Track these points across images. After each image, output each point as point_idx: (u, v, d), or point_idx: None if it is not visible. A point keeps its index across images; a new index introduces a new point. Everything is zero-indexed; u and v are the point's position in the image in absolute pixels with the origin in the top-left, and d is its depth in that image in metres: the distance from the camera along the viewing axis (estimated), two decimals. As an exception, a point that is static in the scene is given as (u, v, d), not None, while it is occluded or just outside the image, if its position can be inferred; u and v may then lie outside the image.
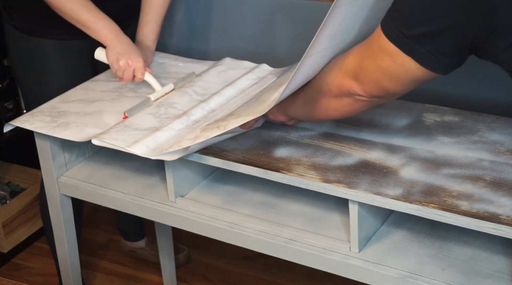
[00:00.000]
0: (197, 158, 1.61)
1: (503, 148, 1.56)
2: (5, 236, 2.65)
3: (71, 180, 1.84)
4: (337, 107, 1.48)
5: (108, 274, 2.59)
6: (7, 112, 2.71)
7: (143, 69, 1.86)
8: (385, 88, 1.37)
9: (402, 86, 1.36)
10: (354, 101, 1.43)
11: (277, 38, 2.31)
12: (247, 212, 1.64)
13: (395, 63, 1.30)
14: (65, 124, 1.78)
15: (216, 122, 1.64)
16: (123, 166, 1.83)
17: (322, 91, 1.48)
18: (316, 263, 1.54)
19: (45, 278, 2.58)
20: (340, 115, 1.51)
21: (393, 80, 1.34)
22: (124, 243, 2.65)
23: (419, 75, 1.31)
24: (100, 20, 1.90)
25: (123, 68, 1.87)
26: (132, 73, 1.87)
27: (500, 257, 1.46)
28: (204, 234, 1.67)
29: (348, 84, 1.41)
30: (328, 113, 1.52)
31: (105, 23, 1.90)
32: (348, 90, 1.41)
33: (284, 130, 1.68)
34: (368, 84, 1.38)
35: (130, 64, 1.86)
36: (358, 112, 1.49)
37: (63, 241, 1.93)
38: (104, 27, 1.90)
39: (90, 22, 1.89)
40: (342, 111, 1.49)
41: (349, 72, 1.40)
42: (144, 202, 1.73)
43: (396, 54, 1.29)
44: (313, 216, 1.60)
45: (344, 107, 1.47)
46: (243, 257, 2.58)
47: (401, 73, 1.32)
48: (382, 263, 1.48)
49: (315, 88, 1.50)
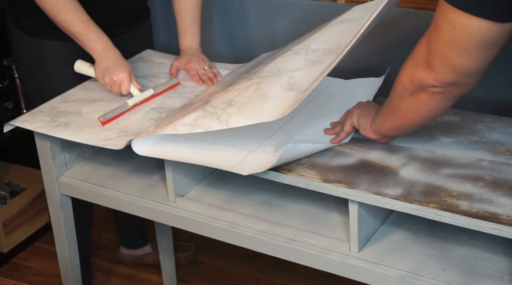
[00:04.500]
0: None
1: (503, 148, 1.56)
2: (5, 236, 2.65)
3: (71, 180, 1.84)
4: (416, 108, 1.43)
5: (108, 274, 2.59)
6: (7, 112, 2.71)
7: (127, 83, 1.86)
8: (455, 66, 1.31)
9: (470, 58, 1.29)
10: (430, 96, 1.38)
11: (277, 38, 2.31)
12: (247, 212, 1.64)
13: (455, 28, 1.26)
14: (65, 124, 1.78)
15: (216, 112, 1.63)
16: (123, 166, 1.83)
17: (399, 91, 1.44)
18: (316, 263, 1.54)
19: (45, 278, 2.58)
20: (422, 117, 1.45)
21: (459, 51, 1.29)
22: (127, 252, 2.61)
23: (479, 34, 1.25)
24: (89, 33, 1.89)
25: (109, 84, 1.87)
26: (118, 87, 1.87)
27: (500, 257, 1.46)
28: (204, 234, 1.67)
29: (419, 74, 1.36)
30: (410, 117, 1.47)
31: (94, 36, 1.89)
32: (420, 82, 1.36)
33: (284, 130, 1.68)
34: (438, 67, 1.32)
35: (114, 79, 1.86)
36: (438, 110, 1.42)
37: (63, 241, 1.93)
38: (92, 40, 1.89)
39: (79, 34, 1.89)
40: (422, 112, 1.43)
41: (419, 61, 1.36)
42: (144, 202, 1.73)
43: (452, 16, 1.25)
44: (313, 216, 1.60)
45: (423, 106, 1.41)
46: (243, 257, 2.58)
47: (462, 39, 1.27)
48: (382, 263, 1.48)
49: (394, 91, 1.46)
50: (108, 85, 1.87)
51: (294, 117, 1.72)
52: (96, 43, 1.89)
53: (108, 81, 1.87)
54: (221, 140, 1.64)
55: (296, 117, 1.72)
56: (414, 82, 1.38)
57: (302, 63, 1.69)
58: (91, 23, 1.90)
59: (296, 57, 1.71)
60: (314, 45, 1.73)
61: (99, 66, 1.88)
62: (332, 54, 1.66)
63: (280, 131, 1.67)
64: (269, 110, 1.58)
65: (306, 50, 1.72)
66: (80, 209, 2.15)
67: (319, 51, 1.70)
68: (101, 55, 1.88)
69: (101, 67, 1.87)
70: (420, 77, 1.36)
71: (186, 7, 2.02)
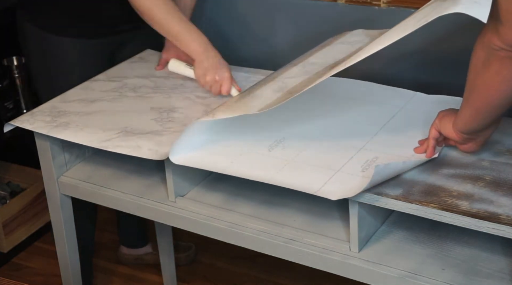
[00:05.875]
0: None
1: (503, 148, 1.56)
2: (5, 236, 2.65)
3: (71, 180, 1.84)
4: (490, 81, 1.35)
5: (108, 274, 2.59)
6: (7, 112, 2.71)
7: (229, 84, 1.84)
8: None
9: None
10: (500, 63, 1.31)
11: (277, 38, 2.31)
12: (247, 212, 1.64)
13: None
14: (65, 124, 1.78)
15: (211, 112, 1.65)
16: (123, 166, 1.83)
17: (472, 66, 1.38)
18: (316, 263, 1.54)
19: (45, 278, 2.58)
20: (498, 93, 1.36)
21: None
22: (128, 251, 2.61)
23: None
24: (189, 32, 1.89)
25: (210, 83, 1.85)
26: (219, 88, 1.85)
27: (500, 257, 1.46)
28: (204, 234, 1.67)
29: (488, 39, 1.32)
30: (486, 95, 1.38)
31: (195, 36, 1.89)
32: (489, 46, 1.31)
33: (284, 130, 1.68)
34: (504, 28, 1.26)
35: (217, 79, 1.84)
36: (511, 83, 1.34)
37: (63, 241, 1.93)
38: (193, 40, 1.88)
39: (180, 34, 1.88)
40: (496, 85, 1.35)
41: (488, 26, 1.32)
42: (144, 202, 1.73)
43: None
44: (313, 216, 1.60)
45: (495, 77, 1.34)
46: (243, 257, 2.58)
47: None
48: (382, 263, 1.48)
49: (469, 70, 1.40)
50: (208, 84, 1.86)
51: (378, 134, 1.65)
52: (197, 43, 1.88)
53: (210, 80, 1.85)
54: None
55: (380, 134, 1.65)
56: (483, 48, 1.34)
57: (297, 73, 1.72)
58: (190, 23, 1.91)
59: (293, 68, 1.76)
60: (313, 59, 1.77)
61: (200, 65, 1.86)
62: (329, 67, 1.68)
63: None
64: (256, 105, 1.59)
65: (304, 63, 1.77)
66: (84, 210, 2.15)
67: (316, 65, 1.74)
68: (202, 54, 1.87)
69: (203, 66, 1.86)
70: (488, 41, 1.32)
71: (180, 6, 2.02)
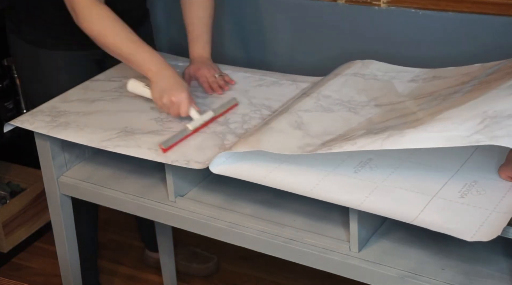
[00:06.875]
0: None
1: (503, 148, 1.55)
2: (5, 236, 2.65)
3: (71, 180, 1.84)
4: None
5: (108, 274, 2.59)
6: (7, 112, 2.71)
7: (186, 105, 1.74)
8: None
9: None
10: None
11: (277, 38, 2.31)
12: (247, 212, 1.64)
13: None
14: (65, 124, 1.78)
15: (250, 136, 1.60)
16: (123, 166, 1.83)
17: None
18: (316, 263, 1.54)
19: (45, 278, 2.58)
20: None
21: None
22: (150, 255, 2.60)
23: None
24: (141, 53, 1.79)
25: (167, 106, 1.75)
26: (177, 109, 1.75)
27: (500, 257, 1.46)
28: (204, 234, 1.67)
29: None
30: None
31: (147, 56, 1.79)
32: None
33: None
34: None
35: (174, 100, 1.74)
36: None
37: (63, 241, 1.93)
38: (145, 60, 1.78)
39: (131, 55, 1.79)
40: None
41: None
42: (144, 202, 1.73)
43: None
44: (313, 216, 1.60)
45: None
46: (243, 257, 2.58)
47: None
48: (382, 263, 1.48)
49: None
50: (165, 106, 1.76)
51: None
52: (150, 63, 1.78)
53: (167, 102, 1.74)
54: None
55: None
56: None
57: (312, 105, 1.70)
58: (142, 42, 1.80)
59: (307, 98, 1.73)
60: (326, 92, 1.75)
61: (156, 86, 1.76)
62: (343, 111, 1.66)
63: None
64: (273, 141, 1.56)
65: (318, 94, 1.74)
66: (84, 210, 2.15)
67: (330, 99, 1.72)
68: (157, 75, 1.77)
69: (158, 87, 1.76)
70: None
71: (198, 16, 2.00)
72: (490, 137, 1.30)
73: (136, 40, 1.80)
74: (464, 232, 1.31)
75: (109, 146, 1.69)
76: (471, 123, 1.35)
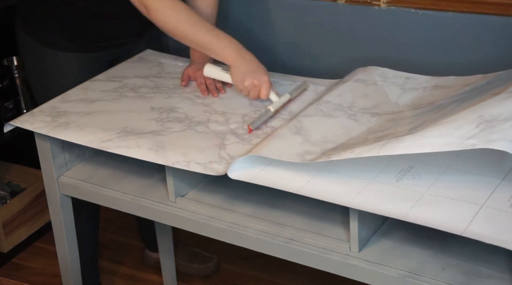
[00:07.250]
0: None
1: (503, 148, 1.55)
2: (5, 236, 2.65)
3: (71, 180, 1.84)
4: None
5: (108, 274, 2.59)
6: (7, 112, 2.71)
7: (268, 88, 1.80)
8: None
9: None
10: None
11: (277, 38, 2.31)
12: (247, 212, 1.64)
13: None
14: (65, 124, 1.78)
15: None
16: (123, 166, 1.83)
17: None
18: (316, 263, 1.54)
19: (45, 278, 2.58)
20: None
21: None
22: (150, 255, 2.60)
23: None
24: (220, 40, 1.84)
25: (248, 89, 1.81)
26: (258, 92, 1.81)
27: (500, 257, 1.46)
28: (204, 234, 1.67)
29: None
30: None
31: (227, 42, 1.84)
32: None
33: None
34: None
35: (256, 84, 1.80)
36: None
37: (63, 241, 1.93)
38: (225, 46, 1.83)
39: (210, 43, 1.84)
40: None
41: None
42: (144, 202, 1.73)
43: None
44: (313, 216, 1.60)
45: None
46: (243, 257, 2.58)
47: None
48: (382, 263, 1.48)
49: None
50: (247, 89, 1.81)
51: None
52: (230, 49, 1.83)
53: (249, 85, 1.80)
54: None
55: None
56: None
57: (312, 111, 1.71)
58: (218, 30, 1.86)
59: (307, 105, 1.75)
60: (327, 97, 1.76)
61: (237, 70, 1.82)
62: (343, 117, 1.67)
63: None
64: (272, 146, 1.56)
65: (319, 101, 1.75)
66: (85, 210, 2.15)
67: (330, 104, 1.73)
68: (237, 59, 1.82)
69: (239, 71, 1.82)
70: None
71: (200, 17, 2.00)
72: (486, 141, 1.29)
73: (211, 29, 1.86)
74: None
75: (109, 147, 1.69)
76: (467, 127, 1.34)
